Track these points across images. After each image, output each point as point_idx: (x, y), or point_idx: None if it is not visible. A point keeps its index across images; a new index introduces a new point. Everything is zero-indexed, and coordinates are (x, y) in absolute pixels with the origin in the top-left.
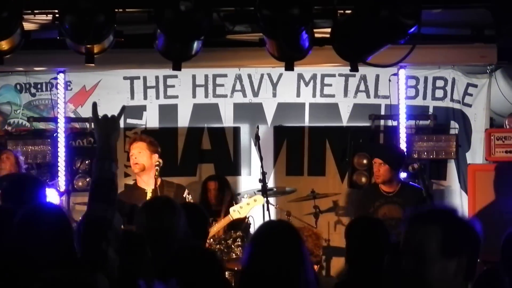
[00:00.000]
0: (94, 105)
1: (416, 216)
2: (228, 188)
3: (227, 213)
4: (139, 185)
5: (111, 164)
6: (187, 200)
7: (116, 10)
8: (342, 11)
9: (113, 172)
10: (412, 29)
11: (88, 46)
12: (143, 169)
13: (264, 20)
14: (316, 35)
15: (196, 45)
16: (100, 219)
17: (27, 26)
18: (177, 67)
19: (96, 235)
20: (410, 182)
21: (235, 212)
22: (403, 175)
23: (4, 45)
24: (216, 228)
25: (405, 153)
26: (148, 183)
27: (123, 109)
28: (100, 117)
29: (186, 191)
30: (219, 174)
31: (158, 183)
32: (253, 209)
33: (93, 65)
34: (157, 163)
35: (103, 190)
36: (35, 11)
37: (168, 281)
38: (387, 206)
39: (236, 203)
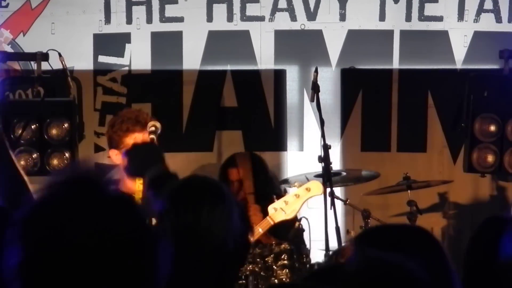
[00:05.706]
0: None
1: None
2: (264, 174)
3: (265, 213)
4: None
5: None
6: None
7: None
8: None
9: None
10: None
11: None
12: None
13: None
14: None
15: None
16: None
17: None
18: None
19: None
20: None
21: (278, 211)
22: None
23: None
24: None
25: None
26: None
27: None
28: None
29: None
30: (251, 149)
31: None
32: (306, 204)
33: None
34: (152, 128)
35: None
36: None
37: None
38: None
39: (279, 198)
